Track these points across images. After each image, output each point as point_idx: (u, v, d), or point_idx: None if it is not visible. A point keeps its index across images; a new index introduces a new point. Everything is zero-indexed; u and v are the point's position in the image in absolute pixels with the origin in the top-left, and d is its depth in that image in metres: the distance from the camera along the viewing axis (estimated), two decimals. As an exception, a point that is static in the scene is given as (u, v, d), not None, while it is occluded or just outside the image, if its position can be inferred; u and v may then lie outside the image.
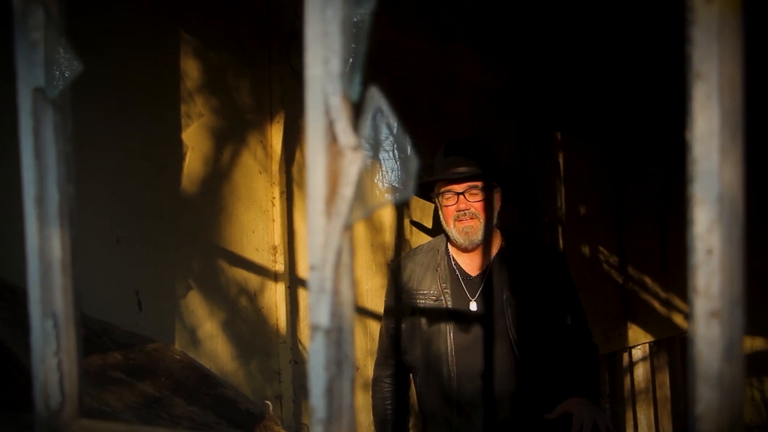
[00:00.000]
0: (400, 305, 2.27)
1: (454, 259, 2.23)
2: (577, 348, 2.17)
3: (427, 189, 2.26)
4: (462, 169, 2.12)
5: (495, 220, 2.18)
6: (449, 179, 2.13)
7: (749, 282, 0.48)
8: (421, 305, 2.20)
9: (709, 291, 0.45)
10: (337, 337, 0.54)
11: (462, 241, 2.13)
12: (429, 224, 3.16)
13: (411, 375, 2.28)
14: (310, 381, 0.54)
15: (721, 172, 0.45)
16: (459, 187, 2.12)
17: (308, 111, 0.54)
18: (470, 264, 2.21)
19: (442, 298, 2.16)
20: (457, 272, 2.21)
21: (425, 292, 2.20)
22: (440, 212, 2.20)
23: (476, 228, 2.12)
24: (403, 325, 2.26)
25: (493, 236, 2.21)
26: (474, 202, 2.11)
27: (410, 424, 2.41)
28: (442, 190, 2.15)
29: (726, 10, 0.44)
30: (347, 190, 0.53)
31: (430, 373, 2.18)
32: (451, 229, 2.14)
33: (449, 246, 2.24)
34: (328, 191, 0.53)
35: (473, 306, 2.15)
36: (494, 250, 2.21)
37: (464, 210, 2.11)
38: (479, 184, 2.12)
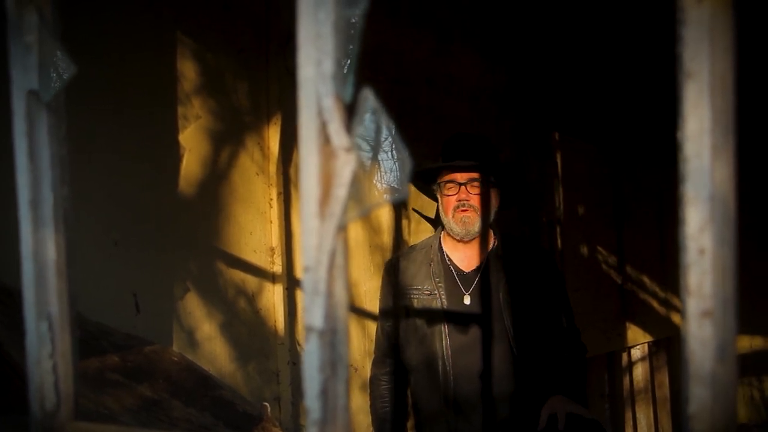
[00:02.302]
0: (395, 303, 2.28)
1: (447, 256, 2.24)
2: (564, 347, 2.19)
3: (429, 179, 2.28)
4: (465, 163, 2.15)
5: (492, 217, 2.20)
6: (452, 169, 2.15)
7: (745, 282, 0.49)
8: (416, 301, 2.22)
9: (702, 291, 0.45)
10: (331, 338, 0.54)
11: (459, 230, 2.16)
12: (431, 214, 3.16)
13: (408, 374, 2.28)
14: (305, 383, 0.54)
15: (713, 171, 0.45)
16: (461, 178, 2.15)
17: (301, 112, 0.54)
18: (464, 260, 2.23)
19: (436, 292, 2.18)
20: (451, 268, 2.22)
21: (419, 287, 2.22)
22: (440, 203, 2.23)
23: (473, 220, 2.15)
24: (398, 323, 2.27)
25: (487, 234, 2.23)
26: (474, 194, 2.14)
27: (408, 423, 2.41)
28: (445, 179, 2.18)
29: (717, 9, 0.44)
30: (341, 192, 0.53)
31: (425, 371, 2.18)
32: (450, 219, 2.17)
33: (443, 242, 2.26)
34: (322, 193, 0.53)
35: (467, 300, 2.17)
36: (488, 247, 2.23)
37: (464, 200, 2.14)
38: (480, 177, 2.15)
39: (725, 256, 0.45)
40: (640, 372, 4.68)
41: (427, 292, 2.20)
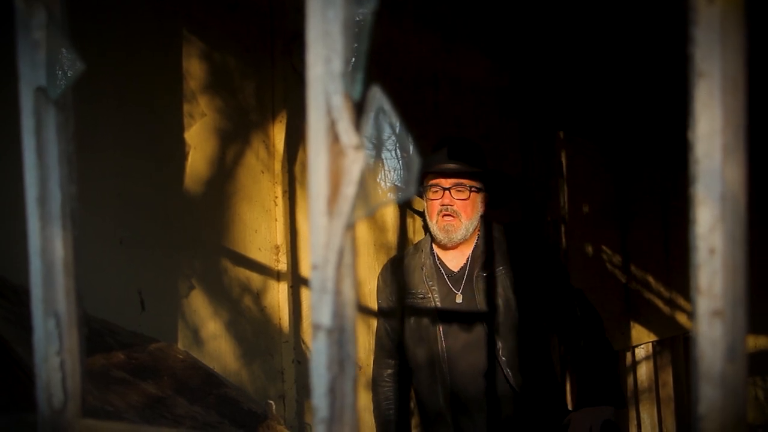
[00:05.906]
0: (395, 304, 2.29)
1: (438, 257, 2.25)
2: (582, 344, 2.14)
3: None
4: (451, 166, 2.14)
5: (476, 222, 2.18)
6: (437, 173, 2.15)
7: (752, 281, 0.48)
8: (411, 305, 2.22)
9: (712, 290, 0.45)
10: (339, 336, 0.54)
11: (441, 237, 2.16)
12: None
13: (411, 373, 2.29)
14: (313, 380, 0.54)
15: (724, 171, 0.44)
16: (446, 183, 2.14)
17: (310, 111, 0.54)
18: (453, 259, 2.23)
19: (429, 295, 2.19)
20: (442, 269, 2.23)
21: (413, 291, 2.23)
22: (425, 206, 2.22)
23: (456, 227, 2.14)
24: (397, 326, 2.28)
25: (474, 233, 2.22)
26: (458, 199, 2.13)
27: (412, 423, 2.42)
28: (430, 183, 2.17)
29: (728, 9, 0.44)
30: (349, 190, 0.53)
31: (426, 371, 2.19)
32: (434, 224, 2.18)
33: (433, 244, 2.27)
34: (330, 191, 0.53)
35: (459, 299, 2.17)
36: (474, 244, 2.22)
37: (447, 205, 2.14)
38: (466, 182, 2.14)
39: (736, 255, 0.45)
40: (644, 371, 4.67)
41: (421, 295, 2.22)
